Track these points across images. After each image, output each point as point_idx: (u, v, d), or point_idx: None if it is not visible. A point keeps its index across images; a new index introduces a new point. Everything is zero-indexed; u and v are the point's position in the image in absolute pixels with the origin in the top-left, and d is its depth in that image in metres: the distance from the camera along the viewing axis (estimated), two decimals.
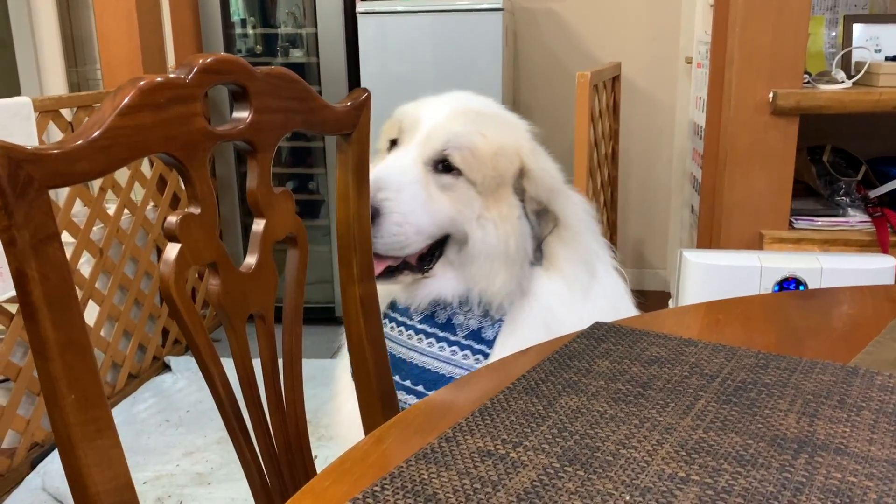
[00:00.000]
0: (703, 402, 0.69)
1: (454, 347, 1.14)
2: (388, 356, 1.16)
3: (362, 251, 0.98)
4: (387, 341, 1.17)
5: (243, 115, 0.78)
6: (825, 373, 0.74)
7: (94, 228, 2.44)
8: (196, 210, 0.73)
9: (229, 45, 3.12)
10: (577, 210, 1.24)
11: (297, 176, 3.26)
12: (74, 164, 0.62)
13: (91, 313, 2.44)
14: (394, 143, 1.19)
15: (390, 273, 1.14)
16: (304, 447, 0.89)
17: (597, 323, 0.88)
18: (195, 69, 0.71)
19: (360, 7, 2.88)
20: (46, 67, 3.90)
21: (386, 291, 1.18)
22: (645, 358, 0.79)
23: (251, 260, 0.81)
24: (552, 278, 1.17)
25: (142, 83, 0.67)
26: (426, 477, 0.58)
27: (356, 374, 1.00)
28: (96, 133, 0.63)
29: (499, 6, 2.80)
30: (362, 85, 2.94)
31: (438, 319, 1.16)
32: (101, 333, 2.47)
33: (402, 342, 1.18)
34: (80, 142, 0.62)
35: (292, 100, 0.83)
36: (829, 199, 2.14)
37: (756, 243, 2.03)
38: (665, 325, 0.89)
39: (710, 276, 1.74)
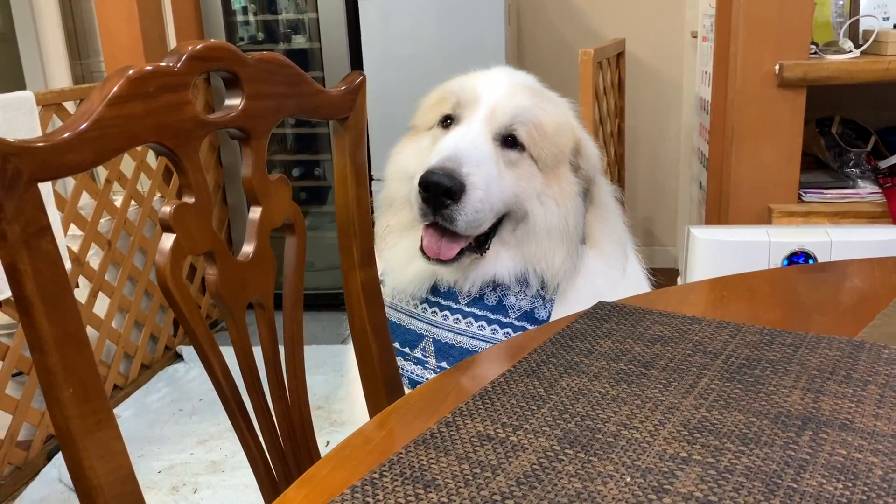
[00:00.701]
0: (707, 381, 0.68)
1: (507, 329, 1.12)
2: (432, 343, 1.15)
3: (362, 236, 0.97)
4: (431, 327, 1.15)
5: (235, 101, 0.77)
6: (831, 347, 0.73)
7: (102, 220, 2.44)
8: (190, 199, 0.72)
9: (231, 32, 3.10)
10: (608, 189, 1.23)
11: (302, 162, 3.25)
12: (63, 155, 0.61)
13: (101, 305, 2.45)
14: (447, 118, 1.15)
15: (457, 256, 1.09)
16: (308, 434, 0.89)
17: (599, 303, 0.87)
18: (184, 57, 0.70)
19: None
20: (50, 61, 3.90)
21: (429, 273, 1.14)
22: (648, 337, 0.78)
23: (248, 248, 0.80)
24: (595, 257, 1.17)
25: (130, 72, 0.66)
26: (425, 462, 0.58)
27: (360, 361, 0.99)
28: (84, 125, 0.62)
29: None
30: (365, 69, 2.92)
31: (488, 302, 1.13)
32: (113, 325, 2.48)
33: (448, 327, 1.14)
34: (67, 134, 0.61)
35: (285, 85, 0.82)
36: (839, 171, 2.11)
37: (765, 218, 2.01)
38: (669, 303, 0.88)
39: (719, 252, 1.72)
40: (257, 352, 0.81)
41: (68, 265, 2.20)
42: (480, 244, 1.12)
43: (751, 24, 1.93)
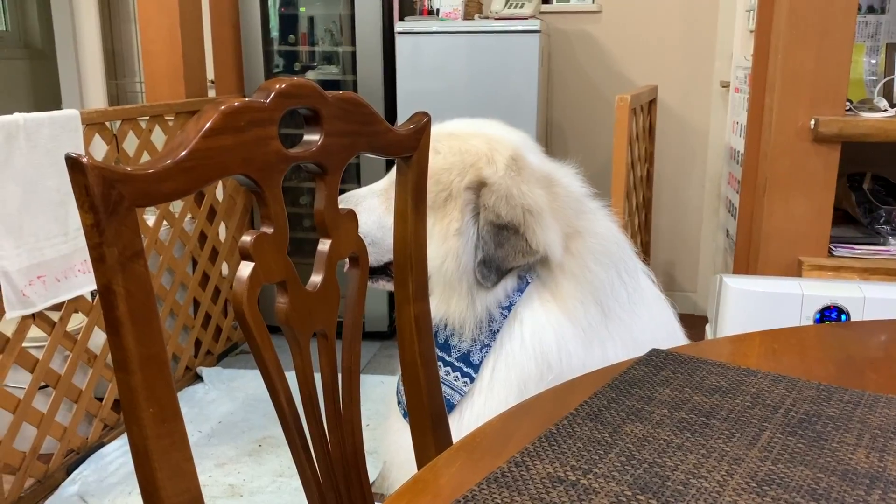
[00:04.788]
0: (769, 434, 0.69)
1: (448, 368, 1.16)
2: None
3: (418, 270, 0.99)
4: None
5: (314, 137, 0.80)
6: (890, 407, 0.74)
7: None
8: (269, 230, 0.75)
9: (268, 60, 3.17)
10: (593, 244, 1.18)
11: None
12: (161, 184, 0.64)
13: None
14: None
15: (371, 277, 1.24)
16: (360, 463, 0.90)
17: (654, 350, 0.89)
18: (273, 94, 0.73)
19: (398, 27, 2.91)
20: (87, 79, 3.98)
21: None
22: (706, 387, 0.79)
23: (317, 279, 0.83)
24: (550, 311, 1.14)
25: (223, 107, 0.69)
26: (499, 501, 0.59)
27: (408, 393, 1.01)
28: (183, 154, 0.65)
29: (536, 28, 2.82)
30: (398, 102, 2.97)
31: (439, 339, 1.17)
32: None
33: None
34: (168, 162, 0.64)
35: (359, 123, 0.85)
36: (869, 227, 2.13)
37: (794, 270, 2.02)
38: (721, 353, 0.90)
39: (750, 302, 1.73)
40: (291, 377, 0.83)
41: None
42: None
43: (787, 79, 1.96)
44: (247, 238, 0.73)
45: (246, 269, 0.73)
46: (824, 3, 1.92)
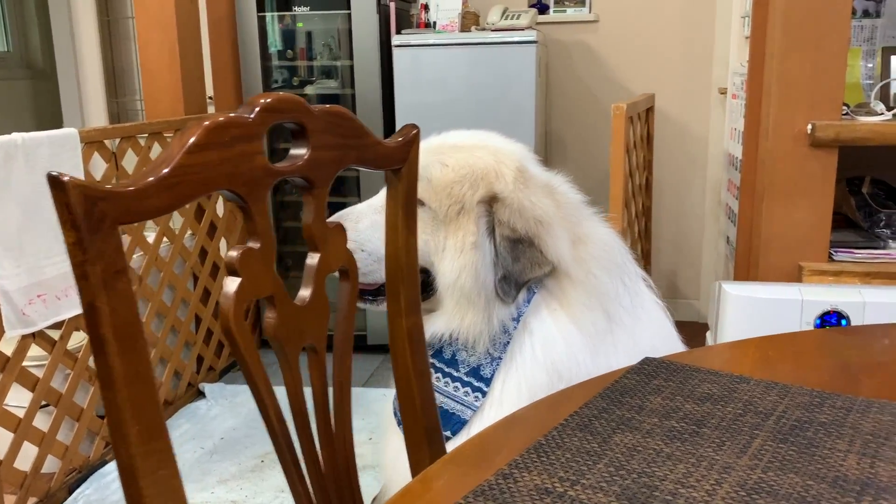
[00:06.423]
0: (760, 441, 0.69)
1: (457, 384, 1.15)
2: None
3: (410, 283, 0.99)
4: None
5: (301, 151, 0.80)
6: (883, 412, 0.74)
7: (134, 256, 2.48)
8: (256, 245, 0.75)
9: (266, 76, 3.18)
10: (596, 250, 1.18)
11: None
12: (145, 201, 0.64)
13: None
14: None
15: (371, 296, 1.21)
16: (352, 479, 0.89)
17: (646, 359, 0.88)
18: (257, 109, 0.73)
19: (395, 40, 2.93)
20: (88, 98, 4.01)
21: None
22: (698, 395, 0.78)
23: (305, 293, 0.82)
24: (559, 319, 1.14)
25: (207, 122, 0.69)
26: None
27: (402, 408, 1.00)
28: (165, 170, 0.65)
29: (533, 39, 2.83)
30: (397, 115, 2.98)
31: (445, 355, 1.16)
32: None
33: None
34: (150, 179, 0.64)
35: (347, 136, 0.85)
36: (869, 231, 2.12)
37: (795, 275, 2.01)
38: (715, 361, 0.89)
39: (750, 308, 1.72)
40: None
41: None
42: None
43: (783, 85, 1.96)
44: (233, 253, 0.73)
45: (233, 284, 0.73)
46: (818, 8, 1.92)
